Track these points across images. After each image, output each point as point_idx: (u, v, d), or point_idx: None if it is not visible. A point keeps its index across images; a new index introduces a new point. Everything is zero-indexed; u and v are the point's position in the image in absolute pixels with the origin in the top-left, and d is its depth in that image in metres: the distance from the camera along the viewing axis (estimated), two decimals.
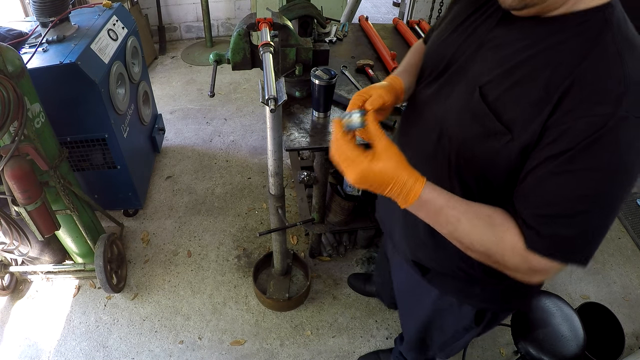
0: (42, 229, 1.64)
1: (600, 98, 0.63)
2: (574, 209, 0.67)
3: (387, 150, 0.71)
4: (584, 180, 0.65)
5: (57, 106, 1.84)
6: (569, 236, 0.69)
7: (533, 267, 0.71)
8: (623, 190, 0.67)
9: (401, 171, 0.71)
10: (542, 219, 0.69)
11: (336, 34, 2.37)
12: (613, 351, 1.86)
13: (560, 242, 0.69)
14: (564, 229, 0.68)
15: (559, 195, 0.67)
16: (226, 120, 3.34)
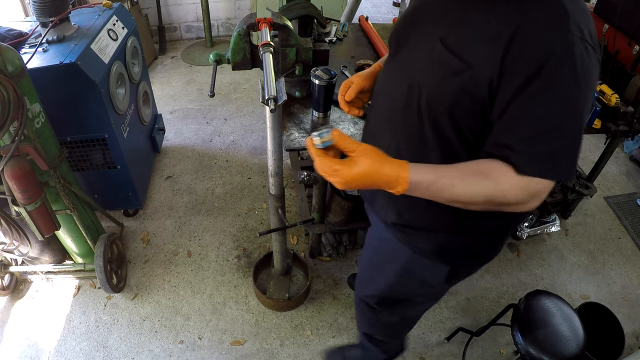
0: (42, 229, 1.64)
1: (549, 25, 0.74)
2: (553, 124, 0.75)
3: (361, 154, 0.77)
4: (556, 97, 0.74)
5: (57, 106, 1.84)
6: (556, 151, 0.76)
7: (531, 191, 0.78)
8: (586, 98, 0.76)
9: (381, 166, 0.77)
10: (530, 140, 0.76)
11: (336, 34, 2.37)
12: (613, 351, 1.87)
13: (550, 158, 0.76)
14: (550, 144, 0.75)
15: (538, 115, 0.75)
16: (226, 120, 3.34)
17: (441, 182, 0.79)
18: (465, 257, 1.11)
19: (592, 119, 1.86)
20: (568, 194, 2.41)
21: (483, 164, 0.80)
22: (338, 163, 0.77)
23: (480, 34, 0.79)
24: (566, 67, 0.73)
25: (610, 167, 3.08)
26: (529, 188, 0.77)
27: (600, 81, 1.94)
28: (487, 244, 1.10)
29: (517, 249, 2.47)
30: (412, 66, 0.92)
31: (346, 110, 1.21)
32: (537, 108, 0.75)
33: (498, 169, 0.78)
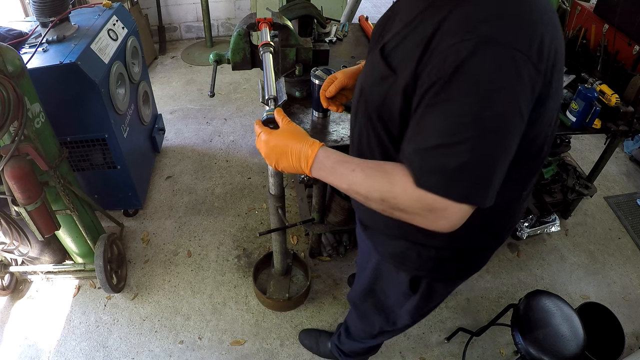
0: (42, 229, 1.64)
1: (460, 30, 0.69)
2: (449, 139, 0.69)
3: (284, 128, 0.90)
4: (454, 108, 0.69)
5: (57, 106, 1.84)
6: (451, 167, 0.69)
7: (427, 206, 0.72)
8: (497, 116, 0.68)
9: (293, 141, 0.85)
10: (423, 152, 0.72)
11: (336, 34, 2.37)
12: (613, 351, 1.87)
13: (443, 174, 0.70)
14: (444, 159, 0.70)
15: (434, 127, 0.70)
16: (226, 120, 3.34)
17: (343, 165, 0.80)
18: (428, 270, 1.07)
19: (592, 119, 1.86)
20: (568, 194, 2.41)
21: (390, 164, 0.79)
22: (265, 130, 0.91)
23: (410, 39, 0.78)
24: (470, 79, 0.67)
25: (610, 167, 3.08)
26: (423, 201, 0.72)
27: (600, 81, 1.94)
28: (450, 259, 1.04)
29: (517, 249, 2.47)
30: (365, 68, 0.97)
31: (325, 105, 1.23)
32: (435, 119, 0.70)
33: (398, 171, 0.75)
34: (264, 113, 0.98)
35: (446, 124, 0.69)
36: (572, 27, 2.30)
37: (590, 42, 2.17)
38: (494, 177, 0.71)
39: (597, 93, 1.84)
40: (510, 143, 0.71)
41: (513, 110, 0.69)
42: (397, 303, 1.25)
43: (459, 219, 0.72)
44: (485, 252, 1.09)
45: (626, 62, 2.00)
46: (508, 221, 1.05)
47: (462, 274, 1.13)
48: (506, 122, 0.69)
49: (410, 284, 1.14)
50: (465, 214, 0.72)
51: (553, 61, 0.73)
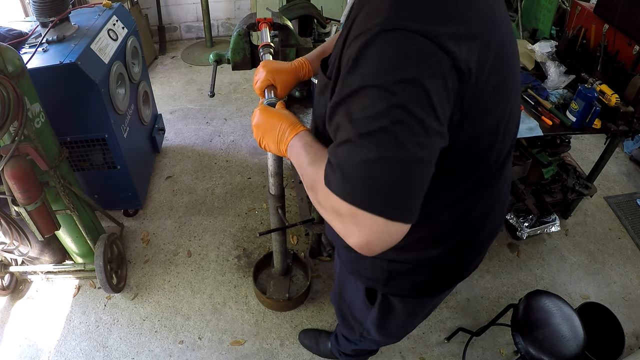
0: (42, 229, 1.64)
1: (362, 23, 0.64)
2: (340, 137, 0.63)
3: (279, 109, 0.94)
4: (354, 103, 0.62)
5: (57, 106, 1.84)
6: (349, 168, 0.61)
7: (333, 207, 0.65)
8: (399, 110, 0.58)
9: (282, 121, 0.87)
10: (331, 149, 0.66)
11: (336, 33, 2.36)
12: (613, 351, 1.86)
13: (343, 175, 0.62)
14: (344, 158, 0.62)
15: (340, 123, 0.64)
16: (226, 120, 3.34)
17: (307, 150, 0.78)
18: (381, 282, 1.02)
19: (592, 119, 1.86)
20: (568, 194, 2.41)
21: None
22: (262, 107, 0.94)
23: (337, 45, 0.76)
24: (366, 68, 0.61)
25: (610, 167, 3.08)
26: (331, 199, 0.64)
27: (600, 81, 1.94)
28: (404, 273, 0.97)
29: (517, 249, 2.47)
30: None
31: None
32: (340, 116, 0.64)
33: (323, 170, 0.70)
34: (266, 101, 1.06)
35: (346, 121, 0.63)
36: (572, 27, 2.30)
37: (590, 42, 2.17)
38: (402, 184, 0.60)
39: (597, 93, 1.84)
40: (421, 143, 0.59)
41: (419, 103, 0.59)
42: (361, 314, 1.22)
43: (374, 234, 0.61)
44: (444, 273, 1.00)
45: (626, 62, 2.00)
46: (468, 239, 0.95)
47: (419, 292, 1.03)
48: (410, 118, 0.58)
49: (366, 295, 1.11)
50: (382, 228, 0.61)
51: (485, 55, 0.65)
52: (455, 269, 1.01)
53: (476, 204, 0.89)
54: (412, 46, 0.59)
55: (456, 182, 0.80)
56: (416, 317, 1.23)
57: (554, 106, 1.98)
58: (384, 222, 0.60)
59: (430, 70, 0.59)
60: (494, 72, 0.68)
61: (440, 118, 0.61)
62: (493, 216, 0.96)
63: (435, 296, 1.10)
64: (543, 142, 2.28)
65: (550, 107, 1.96)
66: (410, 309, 1.14)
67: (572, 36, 2.16)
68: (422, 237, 0.88)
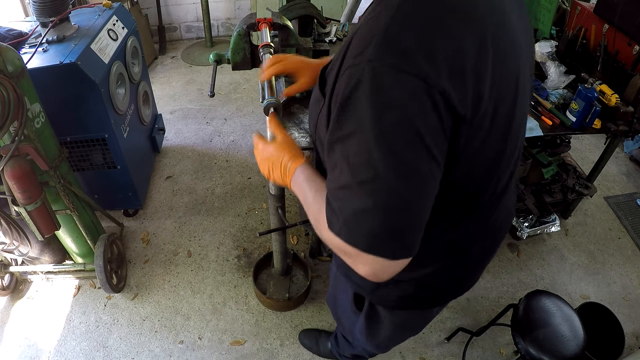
0: (42, 229, 1.64)
1: (352, 54, 0.62)
2: (349, 182, 0.62)
3: (279, 139, 0.92)
4: (348, 146, 0.62)
5: (57, 106, 1.84)
6: (350, 213, 0.62)
7: (339, 248, 0.67)
8: (394, 155, 0.59)
9: (285, 153, 0.87)
10: (330, 192, 0.66)
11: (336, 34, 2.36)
12: (613, 351, 1.86)
13: (345, 220, 0.63)
14: (344, 203, 0.63)
15: (336, 166, 0.64)
16: (226, 120, 3.34)
17: (309, 184, 0.79)
18: (367, 290, 1.01)
19: (592, 119, 1.86)
20: (568, 194, 2.41)
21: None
22: (262, 141, 0.95)
23: (335, 62, 0.72)
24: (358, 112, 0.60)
25: (610, 167, 3.08)
26: (335, 242, 0.66)
27: (600, 81, 1.94)
28: (390, 285, 0.95)
29: (517, 249, 2.47)
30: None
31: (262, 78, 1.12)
32: (336, 158, 0.64)
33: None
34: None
35: (344, 165, 0.62)
36: (572, 27, 2.30)
37: (590, 42, 2.17)
38: (402, 228, 0.62)
39: (597, 93, 1.84)
40: (419, 184, 0.61)
41: (414, 146, 0.59)
42: (350, 320, 1.22)
43: (379, 269, 0.65)
44: (431, 291, 0.98)
45: (626, 62, 2.00)
46: (456, 264, 0.94)
47: (406, 305, 1.01)
48: (407, 161, 0.59)
49: (354, 300, 1.11)
50: (386, 265, 0.64)
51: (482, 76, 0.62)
52: (442, 289, 1.00)
53: (469, 231, 0.88)
54: (403, 86, 0.57)
55: (452, 211, 0.80)
56: (404, 329, 1.19)
57: (554, 106, 1.98)
58: (388, 262, 0.64)
59: (424, 109, 0.58)
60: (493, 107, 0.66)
61: (436, 157, 0.62)
62: (486, 242, 0.96)
63: (423, 311, 1.08)
64: (543, 142, 2.28)
65: (550, 107, 1.96)
66: (397, 321, 1.11)
67: (572, 36, 2.16)
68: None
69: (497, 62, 0.65)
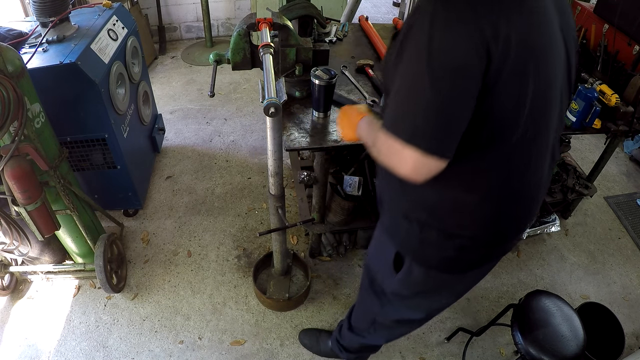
0: (42, 229, 1.64)
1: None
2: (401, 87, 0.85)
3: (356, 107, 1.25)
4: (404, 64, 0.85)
5: (57, 106, 1.84)
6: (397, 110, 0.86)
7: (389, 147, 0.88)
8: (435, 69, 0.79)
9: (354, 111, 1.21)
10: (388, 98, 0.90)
11: (336, 34, 2.36)
12: (613, 351, 1.87)
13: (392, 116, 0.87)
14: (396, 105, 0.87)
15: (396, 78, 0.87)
16: (226, 120, 3.34)
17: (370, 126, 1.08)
18: (410, 248, 1.13)
19: (592, 119, 1.86)
20: (568, 194, 2.41)
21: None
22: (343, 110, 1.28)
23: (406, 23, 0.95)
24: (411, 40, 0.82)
25: (610, 167, 3.08)
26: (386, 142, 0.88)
27: (600, 81, 1.94)
28: (433, 244, 1.07)
29: (517, 249, 2.47)
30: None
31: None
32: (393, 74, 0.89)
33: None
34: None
35: (401, 76, 0.85)
36: None
37: (590, 42, 2.17)
38: (438, 124, 0.82)
39: (597, 93, 1.84)
40: (454, 95, 0.80)
41: (453, 65, 0.78)
42: (384, 282, 1.29)
43: (419, 164, 0.84)
44: (469, 252, 1.08)
45: (626, 62, 2.00)
46: (491, 221, 1.03)
47: (441, 266, 1.13)
48: (446, 75, 0.79)
49: (394, 260, 1.18)
50: (417, 160, 0.83)
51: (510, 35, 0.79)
52: (473, 250, 1.09)
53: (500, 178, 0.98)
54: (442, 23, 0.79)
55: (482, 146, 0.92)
56: (435, 296, 1.26)
57: None
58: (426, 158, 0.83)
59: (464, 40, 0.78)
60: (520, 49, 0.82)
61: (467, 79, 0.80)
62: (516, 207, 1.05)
63: (456, 275, 1.17)
64: None
65: None
66: (431, 284, 1.20)
67: None
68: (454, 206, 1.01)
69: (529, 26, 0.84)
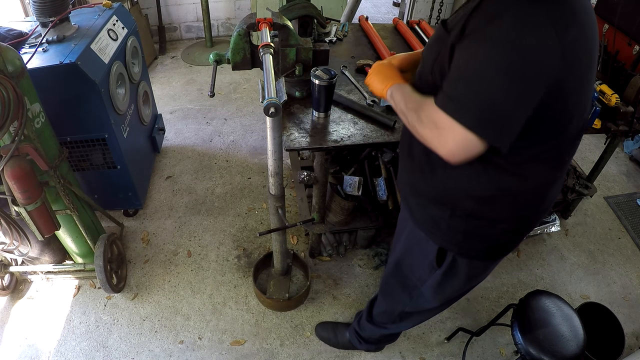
0: (42, 229, 1.64)
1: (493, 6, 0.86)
2: (467, 74, 0.86)
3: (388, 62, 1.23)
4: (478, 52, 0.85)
5: (57, 106, 1.84)
6: (459, 94, 0.86)
7: (435, 121, 0.89)
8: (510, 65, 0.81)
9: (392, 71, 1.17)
10: (447, 82, 0.90)
11: (336, 34, 2.37)
12: (613, 351, 1.87)
13: (452, 97, 0.87)
14: (455, 88, 0.87)
15: (461, 63, 0.88)
16: (226, 120, 3.34)
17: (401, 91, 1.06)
18: (455, 243, 1.14)
19: (592, 119, 1.86)
20: (568, 194, 2.41)
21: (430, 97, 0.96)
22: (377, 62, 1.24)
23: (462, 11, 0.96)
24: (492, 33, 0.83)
25: (610, 167, 3.08)
26: (435, 115, 0.89)
27: (600, 81, 1.94)
28: (478, 236, 1.12)
29: (517, 249, 2.47)
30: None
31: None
32: (462, 58, 0.88)
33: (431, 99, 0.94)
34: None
35: (469, 63, 0.86)
36: None
37: None
38: (504, 120, 0.84)
39: (597, 93, 1.85)
40: (522, 92, 0.82)
41: (529, 69, 0.80)
42: (421, 277, 1.30)
43: (458, 143, 0.86)
44: (510, 235, 1.14)
45: (626, 62, 2.00)
46: (537, 204, 1.10)
47: (487, 255, 1.18)
48: (520, 77, 0.81)
49: (437, 256, 1.19)
50: (464, 141, 0.85)
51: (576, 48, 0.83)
52: (516, 234, 1.15)
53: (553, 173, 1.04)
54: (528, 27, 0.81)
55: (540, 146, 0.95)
56: (473, 281, 1.31)
57: None
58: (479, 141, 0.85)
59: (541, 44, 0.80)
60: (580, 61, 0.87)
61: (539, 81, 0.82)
62: (555, 191, 1.11)
63: (497, 260, 1.23)
64: None
65: None
66: (472, 272, 1.24)
67: None
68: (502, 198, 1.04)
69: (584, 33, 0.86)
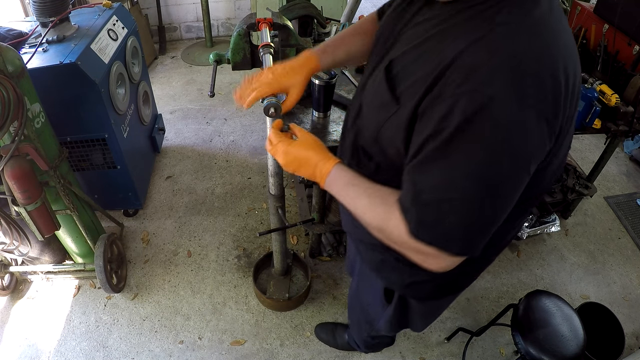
0: (42, 229, 1.64)
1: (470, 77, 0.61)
2: (452, 195, 0.65)
3: (304, 138, 0.90)
4: (459, 163, 0.63)
5: (57, 106, 1.84)
6: (449, 224, 0.66)
7: (418, 250, 0.71)
8: (503, 177, 0.64)
9: (313, 153, 0.86)
10: (422, 204, 0.68)
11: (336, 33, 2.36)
12: (613, 351, 1.87)
13: (441, 230, 0.67)
14: (443, 215, 0.66)
15: (436, 179, 0.65)
16: (226, 120, 3.34)
17: (352, 188, 0.80)
18: (400, 285, 1.05)
19: (592, 119, 1.86)
20: (568, 194, 2.41)
21: (393, 196, 0.74)
22: (284, 141, 0.90)
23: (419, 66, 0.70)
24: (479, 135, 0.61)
25: (610, 167, 3.08)
26: (415, 246, 0.71)
27: (600, 81, 1.94)
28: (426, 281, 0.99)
29: (517, 249, 2.47)
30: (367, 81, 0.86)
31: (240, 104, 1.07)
32: (437, 171, 0.65)
33: (396, 208, 0.72)
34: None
35: (449, 178, 0.64)
36: (572, 27, 2.30)
37: (590, 42, 2.17)
38: (491, 232, 0.69)
39: (597, 93, 1.84)
40: (513, 199, 0.68)
41: (521, 170, 0.65)
42: (376, 310, 1.25)
43: (450, 265, 0.72)
44: (466, 276, 1.07)
45: (626, 62, 2.00)
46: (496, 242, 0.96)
47: (438, 295, 1.07)
48: (511, 181, 0.65)
49: (385, 293, 1.14)
50: (455, 261, 0.72)
51: (570, 99, 0.67)
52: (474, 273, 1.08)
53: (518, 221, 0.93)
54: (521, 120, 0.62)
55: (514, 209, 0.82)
56: (432, 316, 1.26)
57: None
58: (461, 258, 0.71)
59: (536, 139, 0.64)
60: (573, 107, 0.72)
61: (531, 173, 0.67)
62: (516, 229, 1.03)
63: (455, 294, 1.15)
64: None
65: None
66: (427, 309, 1.17)
67: None
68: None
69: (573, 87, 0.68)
